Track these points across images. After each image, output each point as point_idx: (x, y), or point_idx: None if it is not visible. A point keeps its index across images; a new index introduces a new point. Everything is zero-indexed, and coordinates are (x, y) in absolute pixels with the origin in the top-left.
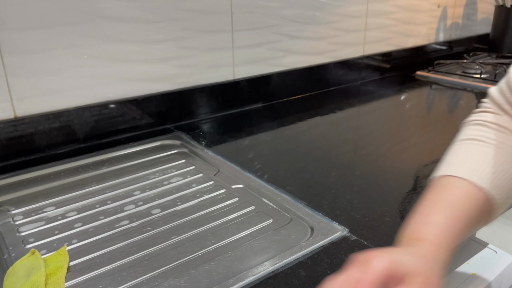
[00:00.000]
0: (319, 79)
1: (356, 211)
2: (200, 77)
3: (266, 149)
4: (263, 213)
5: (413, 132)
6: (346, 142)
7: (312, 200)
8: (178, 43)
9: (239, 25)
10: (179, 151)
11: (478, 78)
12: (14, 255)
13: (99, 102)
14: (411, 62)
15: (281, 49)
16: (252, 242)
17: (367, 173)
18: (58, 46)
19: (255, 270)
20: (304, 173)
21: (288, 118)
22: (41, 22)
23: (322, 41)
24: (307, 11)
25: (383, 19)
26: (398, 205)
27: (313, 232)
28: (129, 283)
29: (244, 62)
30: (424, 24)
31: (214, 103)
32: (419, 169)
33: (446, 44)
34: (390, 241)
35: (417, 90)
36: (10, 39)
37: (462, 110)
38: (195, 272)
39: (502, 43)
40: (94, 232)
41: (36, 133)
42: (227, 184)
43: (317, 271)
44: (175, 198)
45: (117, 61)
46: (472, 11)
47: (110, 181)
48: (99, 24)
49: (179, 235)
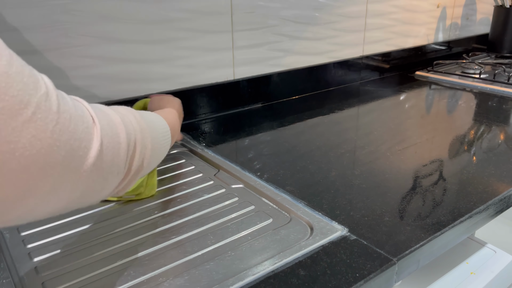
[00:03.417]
0: (318, 79)
1: (355, 210)
2: (200, 77)
3: (266, 149)
4: (262, 212)
5: (412, 132)
6: (346, 142)
7: (312, 199)
8: (178, 43)
9: (239, 25)
10: (179, 151)
11: (477, 78)
12: (14, 255)
13: (99, 102)
14: (410, 62)
15: (281, 50)
16: (252, 241)
17: (367, 173)
18: (58, 46)
19: (255, 270)
20: (303, 173)
21: (288, 118)
22: (41, 22)
23: (321, 42)
24: (307, 12)
25: (383, 20)
26: (397, 205)
27: (313, 232)
28: (129, 283)
29: (244, 62)
30: (424, 24)
31: (214, 103)
32: (419, 169)
33: (445, 44)
34: (390, 240)
35: (417, 90)
36: (10, 39)
37: (461, 110)
38: (195, 271)
39: (501, 43)
40: (94, 232)
41: None
42: (227, 184)
43: (317, 270)
44: (175, 198)
45: (117, 61)
46: (471, 11)
47: None
48: (99, 24)
49: (179, 235)
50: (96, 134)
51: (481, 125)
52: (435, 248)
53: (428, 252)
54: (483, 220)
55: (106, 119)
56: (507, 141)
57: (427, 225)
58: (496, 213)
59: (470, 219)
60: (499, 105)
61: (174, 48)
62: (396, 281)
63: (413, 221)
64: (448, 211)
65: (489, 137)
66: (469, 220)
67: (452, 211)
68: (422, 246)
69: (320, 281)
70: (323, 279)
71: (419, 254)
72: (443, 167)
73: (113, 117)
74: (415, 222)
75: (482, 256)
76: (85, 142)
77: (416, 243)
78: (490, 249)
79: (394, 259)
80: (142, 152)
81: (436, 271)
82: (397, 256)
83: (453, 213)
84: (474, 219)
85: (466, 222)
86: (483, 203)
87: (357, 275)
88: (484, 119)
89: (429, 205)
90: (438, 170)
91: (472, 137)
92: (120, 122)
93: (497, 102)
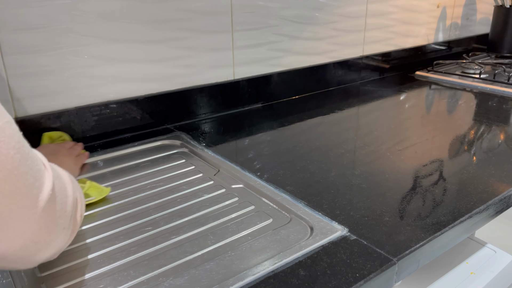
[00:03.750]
0: (318, 79)
1: (355, 210)
2: (200, 77)
3: (266, 149)
4: (262, 212)
5: (412, 132)
6: (346, 142)
7: (312, 199)
8: (178, 43)
9: (239, 25)
10: (179, 151)
11: (477, 78)
12: None
13: (99, 102)
14: (410, 62)
15: (281, 49)
16: (252, 241)
17: (367, 173)
18: (58, 46)
19: (255, 270)
20: (303, 173)
21: (288, 118)
22: (41, 22)
23: (321, 41)
24: (307, 11)
25: (383, 20)
26: (397, 205)
27: (313, 232)
28: (129, 283)
29: (244, 62)
30: (424, 24)
31: (214, 103)
32: (418, 169)
33: (445, 44)
34: (390, 240)
35: (417, 90)
36: (10, 39)
37: (461, 110)
38: (195, 271)
39: (501, 43)
40: (94, 232)
41: (37, 133)
42: (227, 184)
43: (317, 270)
44: (175, 198)
45: (117, 61)
46: (471, 11)
47: (110, 181)
48: (99, 24)
49: (179, 235)
50: (48, 178)
51: (481, 125)
52: (435, 248)
53: (428, 252)
54: (483, 220)
55: (56, 170)
56: (507, 141)
57: (427, 225)
58: (496, 213)
59: (470, 219)
60: (499, 105)
61: (174, 48)
62: (396, 281)
63: (413, 221)
64: (448, 211)
65: (489, 137)
66: (469, 220)
67: (452, 211)
68: (422, 246)
69: (320, 281)
70: (323, 279)
71: (419, 254)
72: (443, 167)
73: (61, 172)
74: (415, 222)
75: (482, 256)
76: (39, 182)
77: (416, 243)
78: (490, 249)
79: (394, 259)
80: (81, 209)
81: (436, 271)
82: (397, 256)
83: (453, 213)
84: (474, 219)
85: (466, 222)
86: (483, 203)
87: (357, 275)
88: (484, 119)
89: (429, 205)
90: (438, 170)
91: (472, 137)
92: (68, 178)
93: (497, 102)
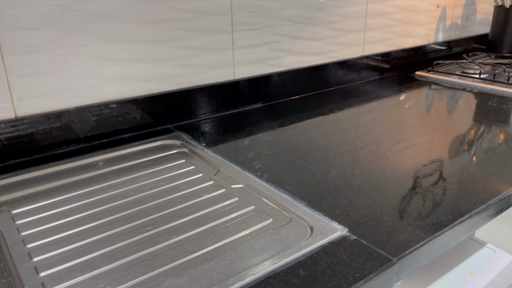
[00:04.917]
0: (318, 79)
1: (355, 210)
2: (200, 77)
3: (266, 149)
4: (262, 212)
5: (412, 132)
6: (346, 142)
7: (312, 199)
8: (178, 43)
9: (239, 25)
10: (179, 151)
11: (477, 78)
12: (14, 255)
13: (99, 102)
14: (410, 62)
15: (281, 49)
16: (252, 241)
17: (367, 173)
18: (58, 46)
19: (255, 270)
20: (303, 173)
21: (288, 118)
22: (41, 22)
23: (321, 42)
24: (307, 12)
25: (383, 20)
26: (397, 205)
27: (313, 232)
28: (129, 282)
29: (244, 62)
30: (423, 24)
31: (214, 103)
32: (418, 169)
33: (445, 44)
34: (389, 240)
35: (416, 90)
36: (10, 39)
37: (461, 110)
38: (195, 271)
39: (501, 43)
40: (94, 232)
41: (37, 133)
42: (227, 184)
43: (317, 270)
44: (175, 198)
45: (117, 61)
46: (471, 12)
47: (110, 181)
48: (99, 24)
49: (179, 235)
50: None
51: (481, 125)
52: (435, 248)
53: (428, 252)
54: (483, 220)
55: None
56: (507, 141)
57: (427, 225)
58: (496, 213)
59: (470, 219)
60: (499, 105)
61: (174, 48)
62: (396, 281)
63: (413, 221)
64: (448, 211)
65: (489, 137)
66: (469, 220)
67: (452, 211)
68: (422, 246)
69: (320, 281)
70: (323, 279)
71: (419, 254)
72: (443, 167)
73: None
74: (415, 222)
75: (482, 256)
76: None
77: (416, 243)
78: (490, 249)
79: (394, 259)
80: None
81: (436, 271)
82: (397, 256)
83: (453, 213)
84: (474, 219)
85: (466, 222)
86: (483, 203)
87: (357, 275)
88: (484, 119)
89: (429, 205)
90: (438, 170)
91: (472, 137)
92: None
93: (497, 102)
